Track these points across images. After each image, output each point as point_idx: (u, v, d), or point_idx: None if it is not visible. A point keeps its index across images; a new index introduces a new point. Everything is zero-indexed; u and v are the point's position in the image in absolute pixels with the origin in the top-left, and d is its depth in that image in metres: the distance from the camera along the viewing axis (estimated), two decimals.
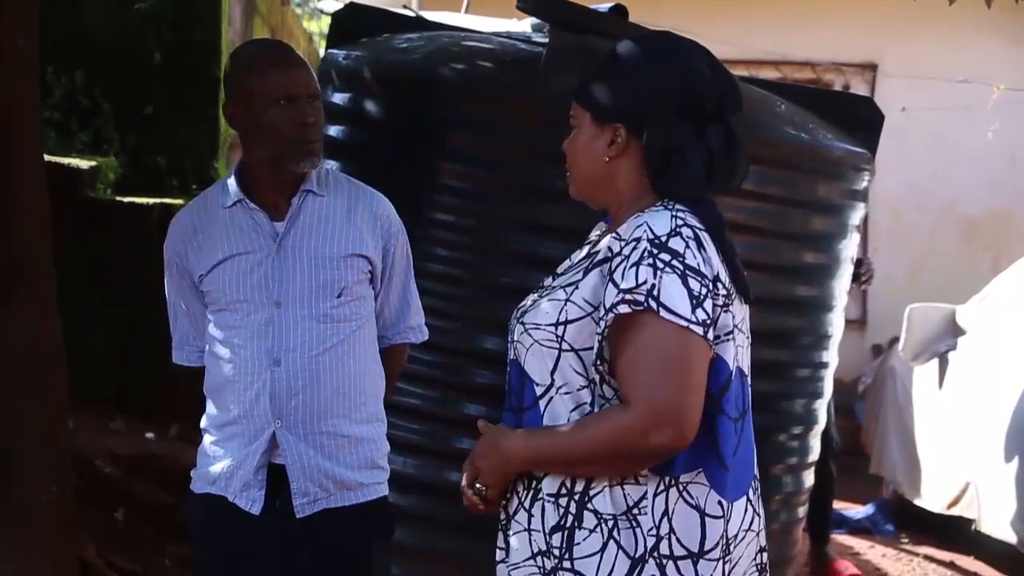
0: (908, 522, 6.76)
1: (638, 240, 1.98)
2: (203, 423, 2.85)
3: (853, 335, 7.56)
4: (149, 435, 5.65)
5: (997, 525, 5.81)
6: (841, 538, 6.57)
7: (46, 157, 3.95)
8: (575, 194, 2.19)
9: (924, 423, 6.57)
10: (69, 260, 4.48)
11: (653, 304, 1.94)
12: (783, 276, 4.05)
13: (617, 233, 2.04)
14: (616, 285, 1.97)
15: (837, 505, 6.31)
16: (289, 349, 2.71)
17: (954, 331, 6.51)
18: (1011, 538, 5.67)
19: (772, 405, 4.01)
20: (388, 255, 2.86)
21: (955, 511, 6.17)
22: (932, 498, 6.37)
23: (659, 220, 2.01)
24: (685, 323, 1.95)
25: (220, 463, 2.77)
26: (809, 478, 4.46)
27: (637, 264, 1.96)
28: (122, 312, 5.96)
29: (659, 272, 1.95)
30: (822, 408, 4.42)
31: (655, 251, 1.97)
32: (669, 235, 1.98)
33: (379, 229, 2.83)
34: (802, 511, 4.53)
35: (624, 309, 1.96)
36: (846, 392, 7.41)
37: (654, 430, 1.93)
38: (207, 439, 2.83)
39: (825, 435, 4.70)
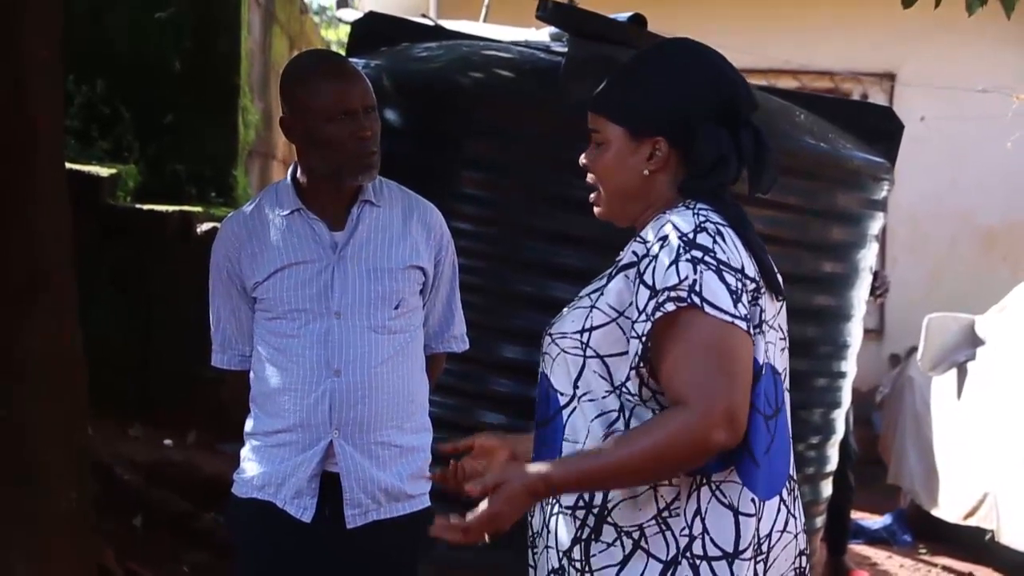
0: (926, 532, 6.74)
1: (666, 238, 1.96)
2: (248, 428, 2.84)
3: (870, 345, 7.55)
4: (167, 442, 5.66)
5: (1015, 536, 5.79)
6: (859, 548, 6.56)
7: (67, 165, 3.97)
8: (603, 213, 2.14)
9: (942, 433, 6.55)
10: (89, 267, 4.50)
11: (697, 300, 1.91)
12: (802, 285, 4.04)
13: (640, 236, 2.02)
14: (650, 287, 1.93)
15: (855, 515, 6.31)
16: (349, 360, 2.71)
17: (973, 341, 6.49)
18: None
19: (790, 414, 4.00)
20: (439, 265, 2.87)
21: (972, 521, 6.15)
22: (950, 508, 6.35)
23: (682, 218, 1.98)
24: (730, 318, 1.92)
25: (269, 469, 2.77)
26: (827, 488, 4.45)
27: (675, 262, 1.93)
28: (141, 319, 5.99)
29: (698, 267, 1.92)
30: (840, 418, 4.42)
31: (688, 248, 1.94)
32: (695, 231, 1.96)
33: (432, 240, 2.85)
34: (820, 521, 4.52)
35: (671, 307, 1.91)
36: (863, 402, 7.39)
37: (715, 428, 1.89)
38: (253, 444, 2.82)
39: (843, 445, 4.69)
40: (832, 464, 4.44)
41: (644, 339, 1.95)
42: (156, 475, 5.17)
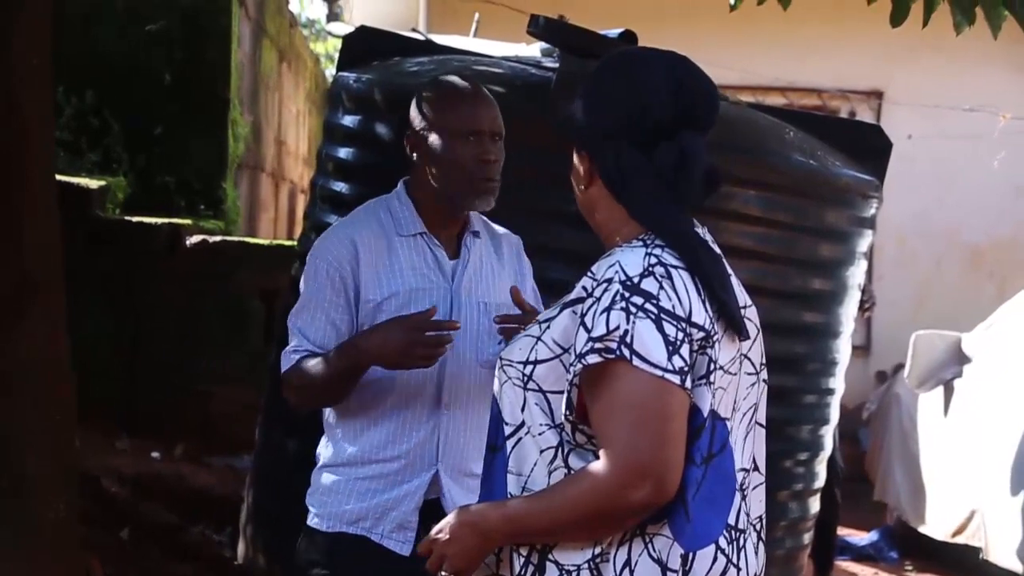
0: (912, 549, 6.76)
1: (609, 282, 1.87)
2: (328, 458, 2.73)
3: (857, 361, 7.56)
4: (155, 455, 5.66)
5: (1004, 554, 5.80)
6: (845, 565, 6.57)
7: (56, 176, 3.97)
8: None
9: (929, 450, 6.57)
10: (78, 279, 4.50)
11: (626, 352, 1.82)
12: (790, 302, 4.05)
13: (591, 271, 1.93)
14: (587, 331, 1.86)
15: (841, 531, 6.31)
16: (457, 395, 2.69)
17: (960, 359, 6.51)
18: (1018, 567, 5.66)
19: (779, 431, 4.00)
20: (524, 284, 2.83)
21: (960, 539, 6.16)
22: (937, 525, 6.36)
23: (632, 259, 1.89)
24: (660, 372, 1.82)
25: (366, 503, 2.68)
26: (815, 504, 4.45)
27: (608, 309, 1.84)
28: (129, 331, 5.99)
29: (632, 317, 1.83)
30: (828, 434, 4.42)
31: (627, 294, 1.84)
32: (642, 275, 1.86)
33: (524, 267, 2.87)
34: (807, 538, 4.52)
35: (595, 359, 1.84)
36: (850, 418, 7.41)
37: (632, 486, 1.81)
38: (344, 474, 2.71)
39: (830, 461, 4.69)
40: (820, 480, 4.44)
41: (569, 384, 1.89)
42: (143, 487, 5.16)
